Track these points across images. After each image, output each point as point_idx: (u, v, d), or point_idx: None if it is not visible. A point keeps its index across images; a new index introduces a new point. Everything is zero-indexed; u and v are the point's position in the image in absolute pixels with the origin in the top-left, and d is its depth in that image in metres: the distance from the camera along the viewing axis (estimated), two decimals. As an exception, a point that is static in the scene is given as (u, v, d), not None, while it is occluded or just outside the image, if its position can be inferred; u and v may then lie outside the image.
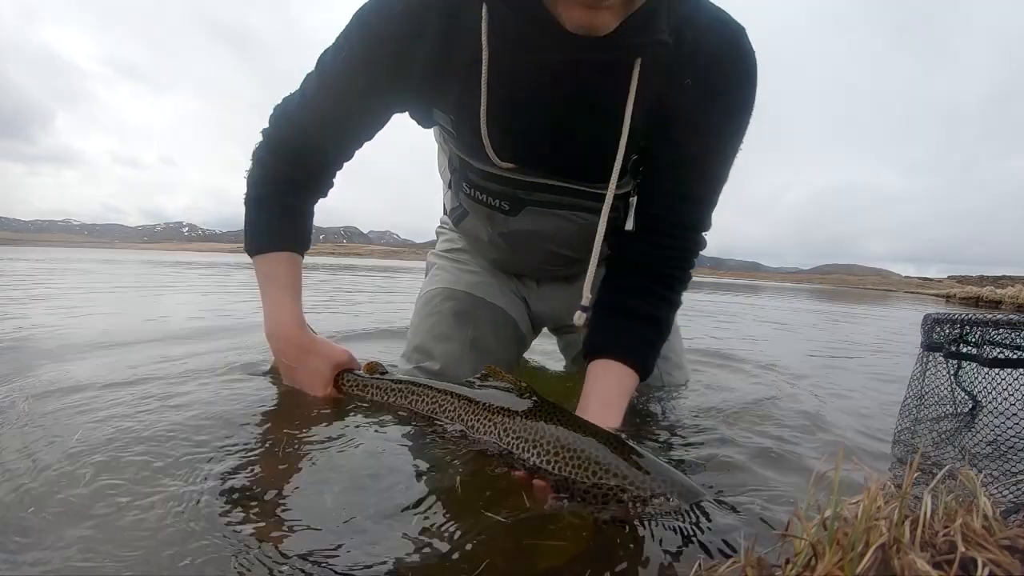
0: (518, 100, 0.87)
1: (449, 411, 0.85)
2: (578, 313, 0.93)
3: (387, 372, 1.06)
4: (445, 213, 1.32)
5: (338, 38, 0.90)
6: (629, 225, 0.95)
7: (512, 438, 0.73)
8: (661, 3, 0.78)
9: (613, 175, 0.89)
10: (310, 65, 0.95)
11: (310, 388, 1.04)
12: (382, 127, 1.00)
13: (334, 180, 1.07)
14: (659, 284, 0.98)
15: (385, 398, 0.99)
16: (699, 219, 0.99)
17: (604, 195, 0.91)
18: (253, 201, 1.03)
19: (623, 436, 0.70)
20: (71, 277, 5.20)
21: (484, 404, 0.80)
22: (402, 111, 0.99)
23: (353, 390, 1.03)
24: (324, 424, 0.92)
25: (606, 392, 0.91)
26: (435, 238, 1.49)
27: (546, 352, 1.71)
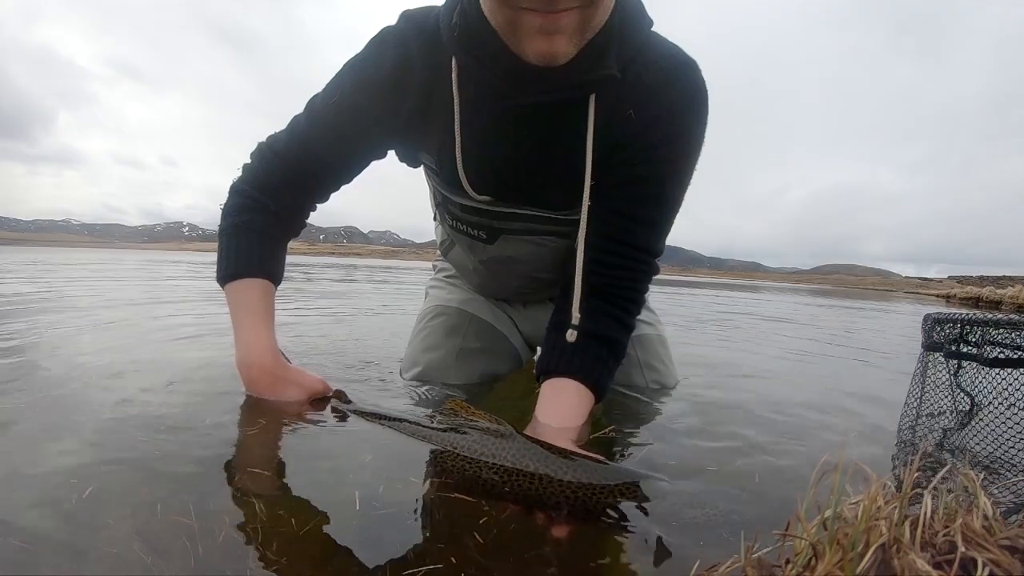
0: (488, 141, 0.94)
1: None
2: (569, 331, 0.92)
3: (351, 402, 1.02)
4: (438, 246, 1.38)
5: (329, 84, 0.96)
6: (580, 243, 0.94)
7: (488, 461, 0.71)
8: (612, 39, 0.83)
9: (584, 204, 0.93)
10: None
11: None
12: (361, 171, 1.05)
13: (306, 220, 1.08)
14: (612, 306, 0.97)
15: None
16: (648, 241, 0.98)
17: (572, 220, 0.97)
18: (230, 229, 1.00)
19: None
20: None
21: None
22: (382, 156, 1.04)
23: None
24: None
25: (565, 410, 0.90)
26: (432, 240, 1.50)
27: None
